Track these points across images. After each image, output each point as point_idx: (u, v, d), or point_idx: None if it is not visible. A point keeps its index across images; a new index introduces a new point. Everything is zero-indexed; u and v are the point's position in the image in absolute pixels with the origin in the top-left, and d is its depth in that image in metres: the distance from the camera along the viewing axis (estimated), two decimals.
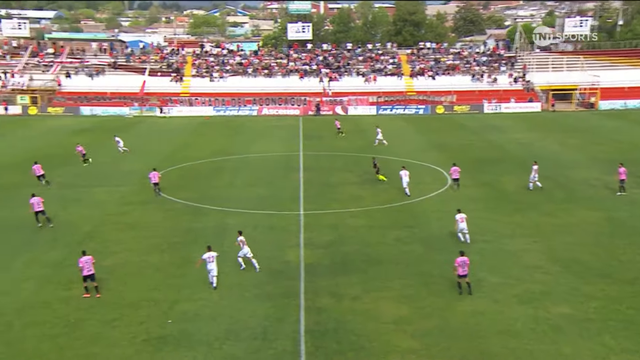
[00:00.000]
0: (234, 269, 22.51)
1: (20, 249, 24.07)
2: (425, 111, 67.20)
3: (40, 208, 26.98)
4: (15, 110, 64.29)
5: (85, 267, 19.99)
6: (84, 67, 71.09)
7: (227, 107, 67.48)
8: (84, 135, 51.83)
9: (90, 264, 20.11)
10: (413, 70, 73.55)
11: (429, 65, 74.42)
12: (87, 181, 35.49)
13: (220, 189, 33.87)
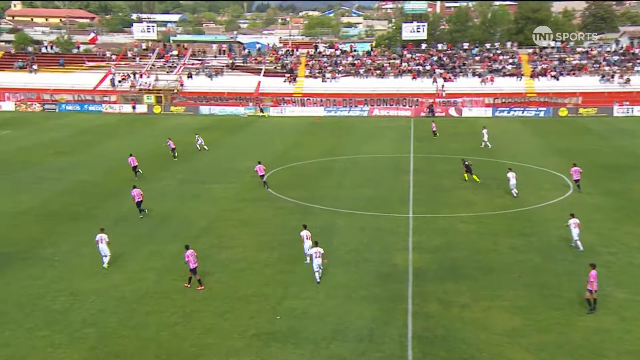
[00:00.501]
0: (341, 269, 22.74)
1: (144, 240, 25.91)
2: (546, 114, 63.82)
3: (140, 199, 28.85)
4: (141, 109, 69.37)
5: (191, 260, 20.89)
6: (204, 68, 75.14)
7: (338, 108, 68.26)
8: (203, 134, 54.75)
9: (194, 257, 20.97)
10: (534, 70, 70.10)
11: (552, 65, 70.55)
12: (205, 178, 37.40)
13: (329, 189, 34.32)
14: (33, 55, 77.81)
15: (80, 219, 28.66)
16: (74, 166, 40.33)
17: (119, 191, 33.62)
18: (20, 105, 69.72)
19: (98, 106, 69.87)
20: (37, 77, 73.33)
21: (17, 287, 20.94)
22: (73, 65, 76.19)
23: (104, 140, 50.74)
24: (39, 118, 63.35)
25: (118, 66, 75.51)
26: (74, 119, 63.52)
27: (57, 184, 35.63)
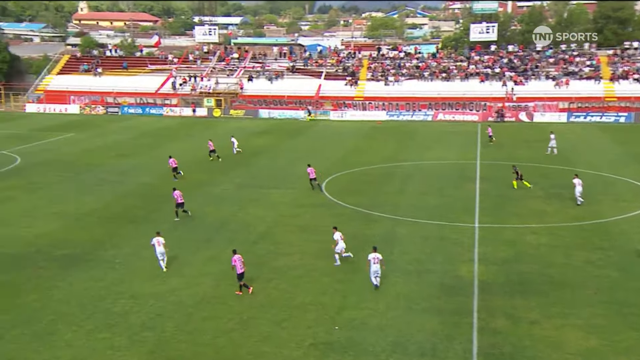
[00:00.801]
0: (403, 279, 22.54)
1: (202, 245, 26.54)
2: (627, 119, 61.16)
3: (181, 200, 29.75)
4: (201, 112, 71.22)
5: (237, 266, 21.31)
6: (264, 71, 76.41)
7: (401, 112, 67.81)
8: (262, 137, 55.69)
9: (242, 262, 21.38)
10: (614, 73, 67.33)
11: (634, 68, 67.54)
12: (263, 182, 37.97)
13: (390, 196, 34.12)
14: (98, 58, 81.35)
15: (140, 222, 29.65)
16: (135, 169, 41.81)
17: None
18: (85, 109, 73.02)
19: (159, 109, 72.26)
20: (102, 80, 76.62)
21: (79, 289, 21.89)
22: (136, 68, 79.17)
23: (164, 143, 52.37)
24: (102, 121, 66.13)
25: (179, 69, 77.87)
26: (136, 122, 65.92)
27: (118, 186, 37.05)
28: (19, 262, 24.22)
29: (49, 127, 60.42)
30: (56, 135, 55.73)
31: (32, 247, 26.05)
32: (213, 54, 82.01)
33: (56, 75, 78.38)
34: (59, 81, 76.73)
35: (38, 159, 44.39)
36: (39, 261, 24.35)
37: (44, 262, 24.31)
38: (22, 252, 25.45)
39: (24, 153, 46.79)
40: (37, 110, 72.62)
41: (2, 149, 48.36)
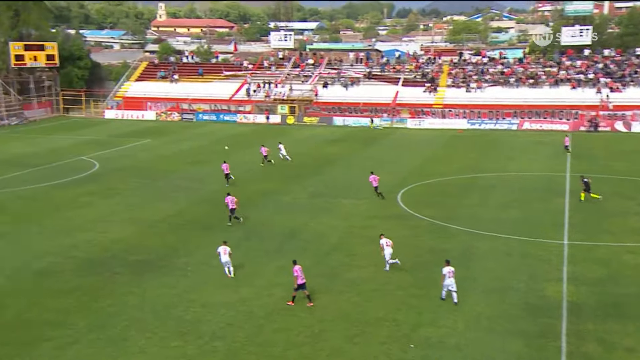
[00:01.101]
0: (483, 297, 21.97)
1: (273, 255, 26.92)
2: None
3: (233, 207, 30.85)
4: (275, 120, 72.48)
5: (299, 276, 21.52)
6: (339, 77, 76.90)
7: (483, 120, 66.36)
8: (335, 146, 55.98)
9: (302, 272, 21.63)
10: None
11: None
12: (336, 192, 38.12)
13: (469, 209, 33.43)
14: (174, 65, 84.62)
15: (213, 230, 30.46)
16: (208, 175, 43.02)
17: (251, 203, 35.29)
18: (161, 115, 76.02)
19: (233, 116, 74.14)
20: (177, 86, 79.55)
21: (152, 295, 22.71)
22: (211, 74, 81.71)
23: (238, 150, 53.62)
24: (178, 127, 68.57)
25: (254, 75, 79.69)
26: (210, 128, 67.91)
27: (192, 193, 38.24)
28: (96, 267, 25.42)
29: (126, 133, 63.26)
30: (133, 141, 58.28)
31: (108, 252, 27.29)
32: (288, 60, 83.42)
33: (134, 81, 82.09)
34: (137, 88, 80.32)
35: (115, 165, 46.54)
36: (115, 266, 25.47)
37: (119, 267, 25.41)
38: (98, 256, 26.71)
39: (103, 159, 49.20)
40: (115, 117, 76.25)
41: (82, 154, 51.05)
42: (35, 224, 31.43)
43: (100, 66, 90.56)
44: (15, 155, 50.36)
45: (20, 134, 63.82)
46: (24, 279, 24.00)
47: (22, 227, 30.76)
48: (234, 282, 23.76)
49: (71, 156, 50.20)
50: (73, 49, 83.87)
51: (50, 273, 24.70)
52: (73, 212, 33.61)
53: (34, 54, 74.88)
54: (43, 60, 75.93)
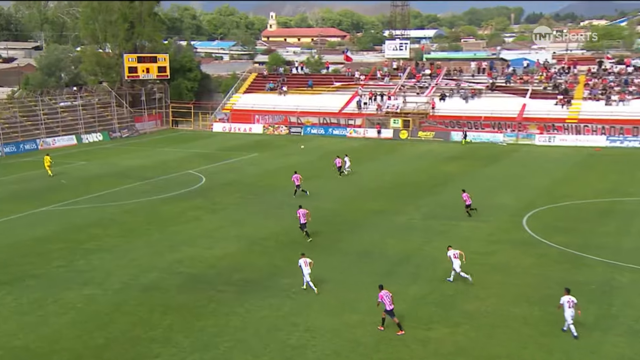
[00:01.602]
0: (626, 339, 20.64)
1: (382, 279, 26.67)
2: None
3: (304, 221, 32.06)
4: (387, 134, 72.45)
5: (386, 302, 21.65)
6: (459, 89, 75.70)
7: (626, 137, 62.72)
8: (453, 163, 55.01)
9: (390, 299, 21.72)
10: None
11: None
12: (453, 213, 37.39)
13: (608, 237, 31.69)
14: (283, 76, 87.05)
15: (319, 250, 30.80)
16: (316, 192, 43.65)
17: (361, 223, 35.43)
18: (268, 128, 78.35)
19: (342, 130, 74.96)
20: (286, 99, 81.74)
21: (256, 317, 23.27)
22: (321, 86, 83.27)
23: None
24: (285, 141, 70.33)
25: (366, 87, 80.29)
26: (318, 142, 69.07)
27: None
28: (200, 284, 26.46)
29: (233, 147, 65.74)
30: (240, 155, 60.44)
31: (213, 269, 28.35)
32: (403, 70, 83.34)
33: (243, 94, 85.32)
34: (245, 100, 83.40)
35: (222, 179, 48.44)
36: (219, 284, 26.39)
37: (223, 285, 26.29)
38: (203, 273, 27.81)
39: (209, 173, 51.41)
40: (222, 130, 79.52)
41: (189, 168, 53.60)
42: (143, 237, 33.29)
43: (210, 78, 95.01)
44: (125, 168, 53.75)
45: (130, 146, 68.15)
46: (131, 294, 25.42)
47: (129, 241, 32.69)
48: (339, 307, 23.84)
49: (178, 169, 52.85)
50: (184, 61, 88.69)
51: (156, 288, 26.01)
52: (179, 227, 35.29)
53: (147, 66, 79.80)
54: (155, 72, 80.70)
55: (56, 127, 69.79)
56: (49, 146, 66.03)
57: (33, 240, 32.81)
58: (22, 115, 69.48)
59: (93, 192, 44.10)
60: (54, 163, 51.70)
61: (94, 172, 51.93)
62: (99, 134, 72.67)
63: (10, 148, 62.72)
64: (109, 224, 35.97)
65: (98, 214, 38.41)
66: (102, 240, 32.79)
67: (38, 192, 44.29)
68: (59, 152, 63.32)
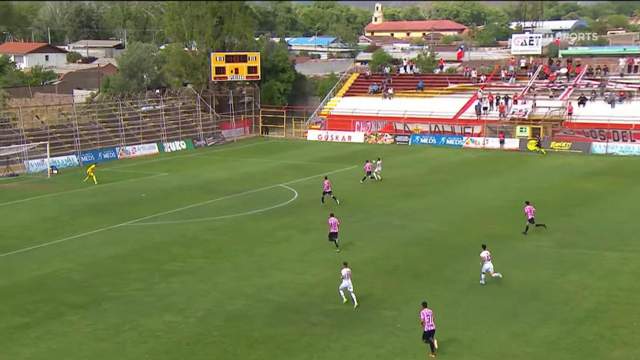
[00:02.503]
0: None
1: (506, 318, 26.12)
2: None
3: (335, 230, 34.62)
4: (511, 144, 70.84)
5: (426, 322, 22.84)
6: (604, 91, 72.97)
7: None
8: (594, 180, 53.09)
9: (431, 319, 22.98)
10: None
11: None
12: (594, 241, 36.10)
13: None
14: (389, 77, 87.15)
15: (426, 279, 30.53)
16: (423, 211, 43.34)
17: (476, 248, 34.77)
18: (370, 137, 78.56)
19: (458, 139, 74.07)
20: (392, 103, 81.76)
21: (354, 355, 23.26)
22: (433, 88, 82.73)
23: (461, 181, 53.32)
24: (389, 152, 70.29)
25: (486, 89, 79.00)
26: (428, 153, 68.58)
27: (402, 232, 38.79)
28: (291, 314, 26.82)
29: (330, 158, 66.40)
30: (337, 167, 60.90)
31: (305, 297, 28.67)
32: (533, 69, 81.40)
33: (342, 97, 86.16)
34: (345, 104, 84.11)
35: (316, 195, 48.82)
36: (311, 315, 26.64)
37: (316, 316, 26.52)
38: (294, 301, 28.17)
39: (302, 187, 52.14)
40: (318, 138, 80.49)
41: (280, 181, 54.58)
42: (229, 259, 34.16)
43: (305, 79, 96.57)
44: (209, 181, 55.44)
45: (216, 155, 70.30)
46: (215, 323, 26.08)
47: (214, 263, 33.64)
48: (454, 349, 23.43)
49: (268, 183, 53.93)
50: (277, 60, 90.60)
51: (242, 317, 26.57)
52: (268, 248, 35.99)
53: (236, 66, 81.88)
54: (244, 73, 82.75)
55: (137, 135, 73.06)
56: (128, 155, 69.28)
57: (110, 259, 34.42)
58: (102, 120, 73.25)
59: (174, 207, 45.75)
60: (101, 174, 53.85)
61: (175, 185, 53.90)
62: (182, 142, 75.45)
63: (88, 157, 66.14)
64: (191, 243, 37.18)
65: (179, 231, 39.80)
66: (184, 261, 33.93)
67: (116, 205, 46.44)
68: (139, 162, 66.30)
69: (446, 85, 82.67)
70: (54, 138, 66.22)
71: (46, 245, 37.02)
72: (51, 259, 34.25)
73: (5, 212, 45.46)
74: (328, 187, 44.88)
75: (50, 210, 45.51)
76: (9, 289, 29.94)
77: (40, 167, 60.82)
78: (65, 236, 38.67)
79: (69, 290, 29.70)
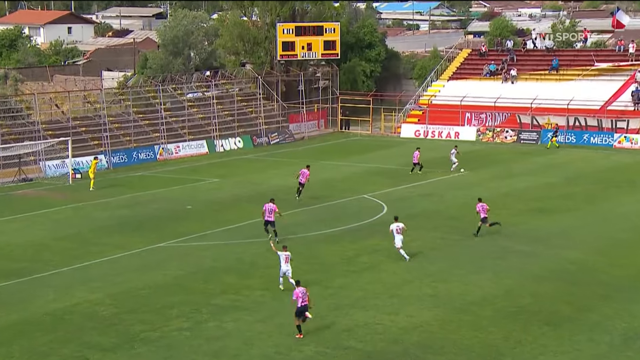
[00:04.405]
0: None
1: None
2: None
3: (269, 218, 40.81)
4: None
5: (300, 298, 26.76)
6: None
7: None
8: None
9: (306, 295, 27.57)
10: None
11: None
12: None
13: None
14: (513, 53, 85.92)
15: (562, 326, 30.03)
16: (558, 234, 42.67)
17: (632, 285, 34.09)
18: (485, 133, 77.67)
19: (606, 136, 72.62)
20: (515, 88, 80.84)
21: None
22: (573, 68, 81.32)
23: (612, 195, 52.26)
24: (512, 153, 69.48)
25: None
26: (565, 156, 67.58)
27: (529, 261, 38.28)
28: None
29: (430, 161, 65.83)
30: (440, 173, 60.41)
31: (397, 345, 28.53)
32: None
33: (447, 81, 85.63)
34: (451, 90, 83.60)
35: (411, 209, 48.65)
36: None
37: None
38: (382, 350, 28.03)
39: (393, 199, 51.98)
40: (415, 135, 79.90)
41: (365, 191, 54.53)
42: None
43: (399, 57, 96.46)
44: (273, 189, 55.50)
45: (282, 157, 70.84)
46: None
47: (278, 297, 33.48)
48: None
49: (349, 193, 54.02)
50: (362, 33, 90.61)
51: None
52: (349, 279, 36.04)
53: (308, 40, 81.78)
54: (320, 50, 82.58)
55: (181, 129, 74.16)
56: (170, 155, 70.44)
57: (147, 288, 35.02)
58: (137, 111, 74.50)
59: (228, 222, 46.37)
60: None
61: (230, 194, 54.50)
62: (238, 139, 76.29)
63: (120, 157, 67.50)
64: (250, 271, 37.59)
65: (234, 254, 40.31)
66: (240, 292, 34.28)
67: (155, 220, 47.31)
68: (184, 165, 67.45)
69: (592, 64, 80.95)
70: (78, 133, 67.77)
71: (66, 270, 37.93)
72: (72, 288, 35.00)
73: (15, 227, 46.81)
74: (304, 177, 50.79)
75: (72, 226, 46.68)
76: (19, 326, 30.69)
77: (59, 170, 62.35)
78: (90, 259, 39.55)
79: (93, 329, 30.24)
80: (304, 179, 50.63)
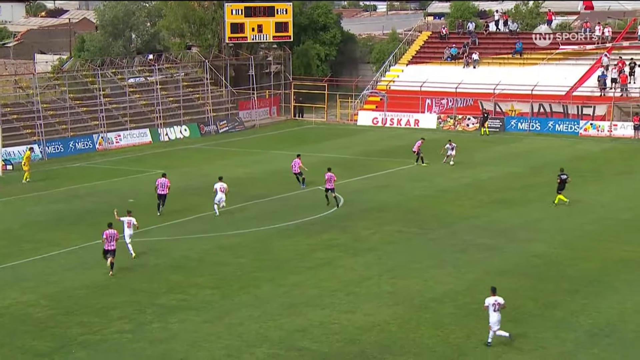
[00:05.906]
0: None
1: None
2: None
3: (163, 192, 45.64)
4: None
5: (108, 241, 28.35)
6: None
7: None
8: None
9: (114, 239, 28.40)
10: None
11: None
12: None
13: None
14: (474, 36, 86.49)
15: (526, 323, 30.25)
16: (523, 227, 43.19)
17: (600, 279, 34.58)
18: (446, 120, 78.10)
19: (572, 124, 73.41)
20: (477, 73, 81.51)
21: None
22: (538, 52, 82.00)
23: (578, 185, 52.59)
24: (474, 142, 69.84)
25: (615, 52, 77.94)
26: (529, 144, 68.30)
27: (492, 255, 38.59)
28: None
29: (388, 150, 66.27)
30: (398, 163, 60.75)
31: (353, 345, 28.51)
32: None
33: (406, 65, 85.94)
34: (410, 75, 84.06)
35: (369, 202, 48.88)
36: None
37: None
38: (338, 351, 27.99)
39: (350, 191, 52.06)
40: (372, 122, 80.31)
41: (320, 183, 54.36)
42: (247, 290, 34.13)
43: (355, 40, 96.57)
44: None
45: (230, 146, 70.67)
46: None
47: (227, 295, 33.58)
48: None
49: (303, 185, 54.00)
50: (316, 14, 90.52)
51: None
52: (303, 276, 36.00)
53: (259, 22, 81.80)
54: (271, 32, 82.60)
55: (122, 117, 73.68)
56: (110, 145, 69.95)
57: (85, 288, 34.61)
58: (74, 98, 73.80)
59: (174, 217, 46.14)
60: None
61: (176, 186, 54.04)
62: (184, 128, 76.06)
63: (55, 147, 66.93)
64: (197, 268, 37.41)
65: (181, 251, 40.12)
66: (186, 291, 34.08)
67: (93, 215, 46.75)
68: (125, 155, 66.97)
69: (557, 47, 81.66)
70: (9, 121, 67.18)
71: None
72: (3, 289, 34.52)
73: None
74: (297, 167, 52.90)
75: (2, 221, 46.19)
76: None
77: None
78: (22, 257, 39.10)
79: (27, 332, 29.84)
80: (296, 168, 52.78)
